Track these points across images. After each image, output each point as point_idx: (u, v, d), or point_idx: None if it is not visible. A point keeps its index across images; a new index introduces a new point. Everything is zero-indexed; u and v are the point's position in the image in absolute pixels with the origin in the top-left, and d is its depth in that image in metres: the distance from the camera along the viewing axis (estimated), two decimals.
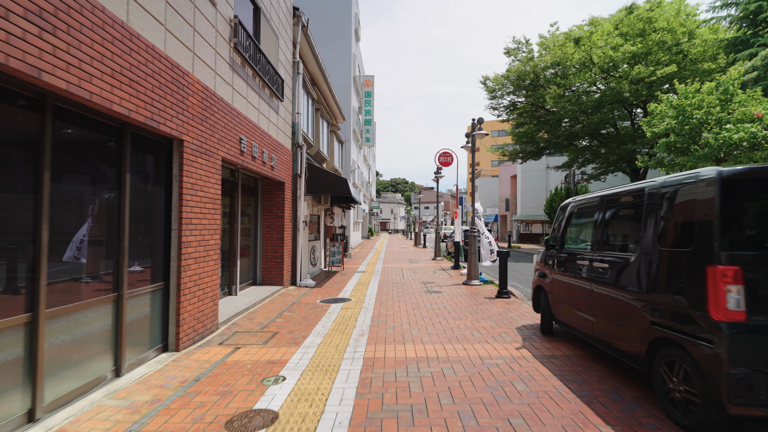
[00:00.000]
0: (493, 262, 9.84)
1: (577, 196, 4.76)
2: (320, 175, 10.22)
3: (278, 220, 9.21)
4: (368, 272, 12.78)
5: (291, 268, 9.72)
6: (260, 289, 8.68)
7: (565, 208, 4.94)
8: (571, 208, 4.79)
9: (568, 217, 4.81)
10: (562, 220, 4.92)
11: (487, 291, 8.87)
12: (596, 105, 17.33)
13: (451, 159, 14.39)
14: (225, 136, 5.89)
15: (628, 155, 18.45)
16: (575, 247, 4.73)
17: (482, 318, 6.31)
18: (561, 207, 5.14)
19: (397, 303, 7.63)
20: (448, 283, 10.26)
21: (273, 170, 8.34)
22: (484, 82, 24.38)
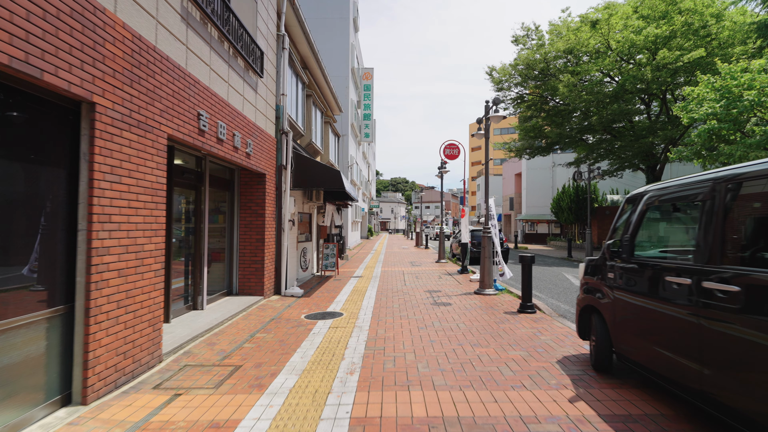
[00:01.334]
0: (501, 276, 8.46)
1: (660, 182, 3.34)
2: (310, 166, 8.83)
3: (258, 218, 7.82)
4: (366, 277, 11.39)
5: (274, 275, 8.33)
6: (235, 300, 7.29)
7: (638, 200, 3.53)
8: (649, 200, 3.37)
9: (642, 213, 3.41)
10: (632, 216, 3.52)
11: (505, 303, 7.47)
12: (614, 94, 15.92)
13: (458, 151, 13.02)
14: (174, 107, 4.50)
15: (646, 150, 17.05)
16: (660, 257, 3.34)
17: (509, 344, 4.91)
18: (628, 199, 3.74)
19: (398, 319, 6.23)
20: (458, 291, 8.86)
21: (249, 158, 6.95)
22: (490, 72, 22.97)
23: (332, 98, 15.35)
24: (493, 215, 8.73)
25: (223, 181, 7.46)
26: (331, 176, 8.68)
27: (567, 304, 7.85)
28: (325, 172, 8.75)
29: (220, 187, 7.39)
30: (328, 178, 8.72)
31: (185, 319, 5.82)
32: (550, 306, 7.61)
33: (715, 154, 10.06)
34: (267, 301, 7.72)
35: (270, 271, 8.09)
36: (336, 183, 8.65)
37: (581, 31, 16.92)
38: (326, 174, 8.73)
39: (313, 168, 8.82)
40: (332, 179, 8.67)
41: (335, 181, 8.65)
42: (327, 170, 8.73)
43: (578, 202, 28.23)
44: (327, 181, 8.72)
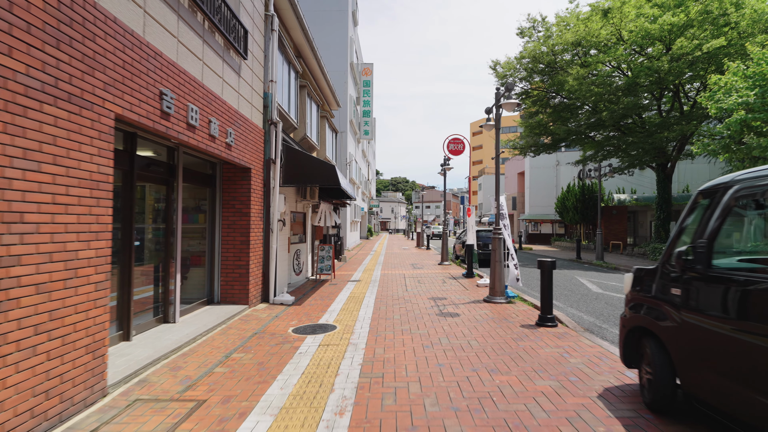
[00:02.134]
0: (518, 282, 7.62)
1: (752, 170, 2.48)
2: (302, 161, 8.00)
3: (242, 218, 6.99)
4: (364, 282, 10.55)
5: (261, 281, 7.50)
6: (216, 310, 6.46)
7: (719, 193, 2.67)
8: (738, 192, 2.52)
9: (726, 210, 2.57)
10: (710, 214, 2.68)
11: (520, 314, 6.64)
12: (627, 87, 15.07)
13: (462, 146, 12.18)
14: (126, 82, 3.67)
15: (660, 146, 16.20)
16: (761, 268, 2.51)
17: (534, 369, 4.08)
18: (704, 192, 2.88)
19: (399, 334, 5.40)
20: (465, 299, 8.02)
21: (230, 150, 6.11)
22: (494, 67, 22.09)
23: (329, 92, 14.53)
24: (504, 214, 7.90)
25: (203, 176, 6.63)
26: (325, 171, 7.85)
27: (590, 315, 7.00)
28: (318, 167, 7.92)
29: (199, 183, 6.56)
30: (322, 173, 7.88)
31: (151, 335, 4.98)
32: (570, 317, 6.77)
33: (744, 148, 9.24)
34: (252, 310, 6.89)
35: (256, 277, 7.26)
36: (331, 179, 7.82)
37: (592, 21, 16.07)
38: (320, 169, 7.90)
39: (306, 163, 7.99)
40: (326, 175, 7.84)
41: (330, 176, 7.82)
42: (321, 165, 7.90)
43: (584, 202, 27.40)
44: (321, 176, 7.89)
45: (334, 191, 11.91)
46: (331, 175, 7.80)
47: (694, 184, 29.64)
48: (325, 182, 7.89)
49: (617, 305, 7.73)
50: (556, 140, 22.84)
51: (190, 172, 6.15)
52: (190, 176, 6.16)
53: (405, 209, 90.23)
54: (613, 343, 5.14)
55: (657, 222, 20.73)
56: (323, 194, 11.94)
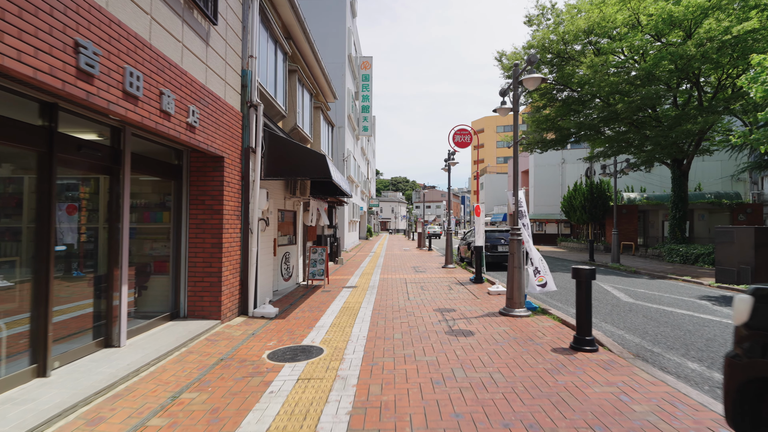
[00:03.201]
0: (542, 288, 6.49)
1: None
2: (288, 150, 6.87)
3: (214, 216, 5.87)
4: (361, 288, 9.43)
5: (239, 290, 6.38)
6: (179, 328, 5.33)
7: None
8: None
9: None
10: None
11: (546, 331, 5.51)
12: (646, 75, 13.92)
13: (469, 138, 11.05)
14: (9, 17, 2.55)
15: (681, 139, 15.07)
16: None
17: (589, 425, 2.95)
18: None
19: (401, 363, 4.27)
20: (477, 311, 6.90)
21: (193, 132, 4.99)
22: (500, 58, 20.96)
23: (325, 82, 13.43)
24: (523, 212, 6.78)
25: (165, 166, 5.51)
26: (313, 162, 6.72)
27: (633, 334, 5.79)
28: (306, 157, 6.79)
29: (161, 174, 5.44)
30: (310, 165, 6.76)
31: (81, 366, 3.86)
32: (609, 335, 5.63)
33: None
34: (224, 327, 5.76)
35: (231, 286, 6.13)
36: (320, 171, 6.69)
37: (606, 5, 14.94)
38: (308, 160, 6.77)
39: (293, 152, 6.86)
40: (315, 166, 6.72)
41: (319, 168, 6.69)
42: (308, 155, 6.77)
43: (592, 201, 26.28)
44: (309, 168, 6.76)
45: (328, 187, 10.79)
46: (321, 167, 6.67)
47: (706, 182, 28.55)
48: (314, 175, 6.76)
49: (659, 320, 6.57)
50: (565, 135, 21.72)
51: (147, 161, 5.03)
52: (148, 165, 5.05)
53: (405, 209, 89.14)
54: (680, 378, 4.01)
55: (672, 222, 19.61)
56: (316, 191, 10.82)
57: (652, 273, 12.48)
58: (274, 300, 7.90)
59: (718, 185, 28.95)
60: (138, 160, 4.81)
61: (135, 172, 4.77)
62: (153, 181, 5.50)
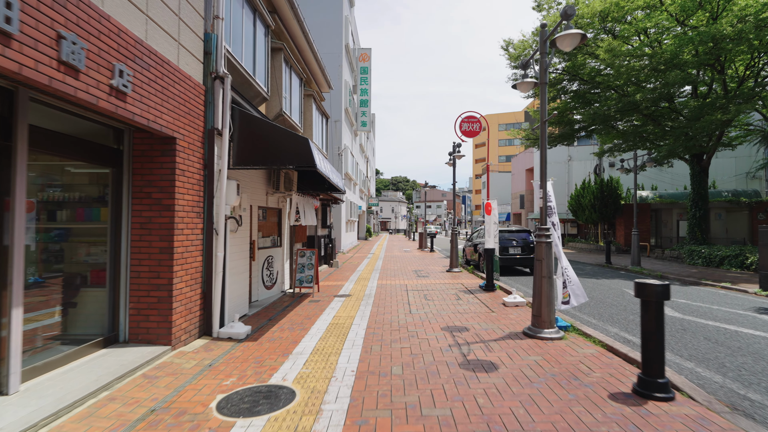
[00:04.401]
0: (565, 305, 5.25)
1: None
2: (263, 132, 5.61)
3: (163, 212, 4.62)
4: (355, 297, 8.17)
5: (200, 306, 5.13)
6: (111, 358, 4.08)
7: None
8: None
9: None
10: None
11: (590, 361, 4.25)
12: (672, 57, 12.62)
13: (479, 126, 9.78)
14: None
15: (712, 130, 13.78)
16: None
17: None
18: None
19: (401, 421, 3.01)
20: (496, 330, 5.64)
21: (122, 101, 3.72)
22: (506, 47, 19.70)
23: (317, 67, 12.20)
24: (552, 207, 5.52)
25: (96, 148, 4.24)
26: (292, 147, 5.46)
27: (706, 367, 4.28)
28: (284, 140, 5.52)
29: (91, 158, 4.18)
30: (288, 150, 5.49)
31: None
32: (672, 367, 4.36)
33: None
34: (174, 355, 4.50)
35: (188, 302, 4.88)
36: (301, 157, 5.43)
37: None
38: (286, 144, 5.50)
39: (269, 135, 5.59)
40: (295, 152, 5.46)
41: (300, 154, 5.43)
42: (287, 138, 5.50)
43: (603, 199, 25.01)
44: (287, 154, 5.50)
45: (318, 182, 9.53)
46: (302, 153, 5.41)
47: (720, 180, 27.30)
48: (294, 162, 5.49)
49: (729, 344, 5.20)
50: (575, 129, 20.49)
51: (64, 140, 3.78)
52: (65, 145, 3.79)
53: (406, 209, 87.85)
54: None
55: (692, 221, 18.35)
56: (305, 185, 9.56)
57: (681, 278, 11.21)
58: (250, 314, 6.65)
59: (732, 183, 27.64)
60: (46, 138, 3.56)
61: (39, 152, 3.51)
62: (86, 170, 4.25)
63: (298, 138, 5.46)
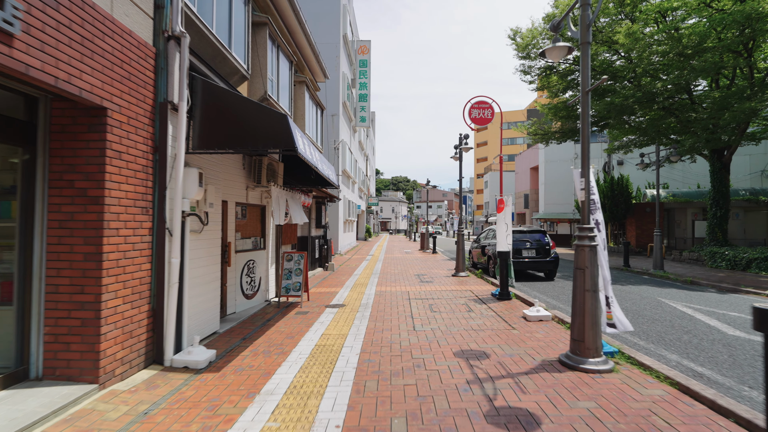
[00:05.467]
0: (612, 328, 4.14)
1: None
2: (231, 106, 4.48)
3: (89, 206, 3.49)
4: (349, 308, 7.05)
5: (147, 327, 4.00)
6: (9, 405, 2.95)
7: None
8: None
9: None
10: None
11: (666, 411, 3.12)
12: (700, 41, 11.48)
13: (490, 113, 8.60)
14: None
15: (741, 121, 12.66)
16: None
17: None
18: None
19: None
20: (523, 355, 4.51)
21: (9, 44, 2.59)
22: (513, 36, 18.64)
23: (311, 52, 11.11)
24: (596, 203, 4.40)
25: None
26: (267, 125, 4.33)
27: None
28: (256, 117, 4.39)
29: None
30: (262, 129, 4.36)
31: None
32: (744, 402, 3.24)
33: None
34: (100, 398, 3.36)
35: (129, 322, 3.75)
36: (278, 137, 4.31)
37: None
38: (259, 122, 4.37)
39: (239, 110, 4.46)
40: (270, 131, 4.33)
41: (277, 134, 4.30)
42: (260, 114, 4.36)
43: (613, 198, 23.87)
44: (261, 134, 4.37)
45: (308, 174, 8.42)
46: (280, 132, 4.28)
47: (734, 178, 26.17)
48: (270, 144, 4.36)
49: None
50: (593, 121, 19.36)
51: None
52: None
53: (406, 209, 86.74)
54: None
55: (712, 221, 17.23)
56: (294, 179, 8.44)
57: (714, 284, 10.06)
58: (222, 331, 5.52)
59: (746, 181, 26.49)
60: None
61: None
62: None
63: (273, 114, 4.33)
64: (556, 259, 10.65)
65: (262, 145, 4.41)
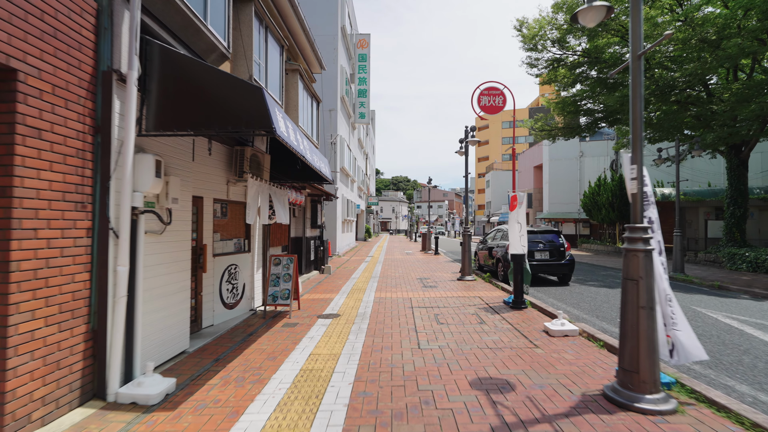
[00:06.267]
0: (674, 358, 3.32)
1: None
2: (193, 76, 3.62)
3: None
4: (344, 319, 6.20)
5: (84, 354, 3.15)
6: None
7: None
8: None
9: None
10: None
11: None
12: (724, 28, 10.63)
13: (502, 100, 7.75)
14: None
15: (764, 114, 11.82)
16: None
17: None
18: None
19: None
20: (559, 389, 3.66)
21: None
22: (520, 27, 17.81)
23: (305, 40, 10.31)
24: (650, 196, 3.56)
25: None
26: (237, 99, 3.49)
27: None
28: (225, 89, 3.54)
29: None
30: (231, 104, 3.52)
31: None
32: None
33: None
34: None
35: (55, 349, 2.91)
36: (251, 115, 3.46)
37: None
38: (228, 95, 3.52)
39: (202, 81, 3.61)
40: (241, 108, 3.48)
41: (250, 110, 3.45)
42: (229, 85, 3.51)
43: (623, 197, 22.99)
44: (230, 111, 3.52)
45: (302, 170, 7.59)
46: (253, 109, 3.43)
47: None
48: (241, 123, 3.51)
49: None
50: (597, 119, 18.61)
51: None
52: None
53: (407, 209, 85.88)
54: None
55: (730, 221, 16.37)
56: (282, 174, 7.60)
57: (744, 289, 9.21)
58: (192, 350, 4.67)
59: (758, 179, 25.62)
60: None
61: None
62: None
63: (245, 87, 3.48)
64: (572, 262, 9.79)
65: (233, 125, 3.56)
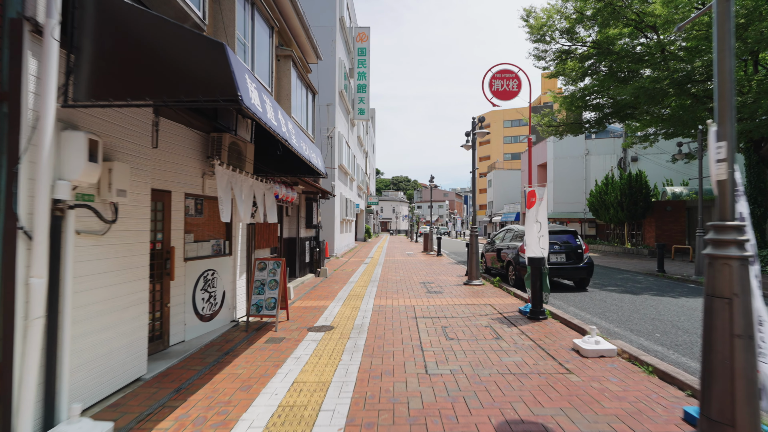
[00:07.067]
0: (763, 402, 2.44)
1: None
2: (140, 32, 2.78)
3: None
4: (338, 333, 5.36)
5: None
6: None
7: None
8: None
9: None
10: None
11: None
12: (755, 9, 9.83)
13: (516, 84, 6.88)
14: None
15: None
16: None
17: None
18: None
19: None
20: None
21: None
22: (527, 17, 16.98)
23: (299, 24, 9.53)
24: (738, 187, 2.73)
25: None
26: (193, 58, 2.65)
27: None
28: (177, 46, 2.71)
29: None
30: (186, 64, 2.68)
31: None
32: None
33: None
34: None
35: None
36: (211, 77, 2.62)
37: None
38: (183, 54, 2.69)
39: (151, 36, 2.77)
40: (198, 69, 2.65)
41: (211, 72, 2.62)
42: (184, 41, 2.68)
43: (631, 196, 22.15)
44: (184, 73, 2.69)
45: (295, 164, 6.76)
46: (214, 70, 2.60)
47: None
48: (198, 89, 2.68)
49: None
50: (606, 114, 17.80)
51: None
52: None
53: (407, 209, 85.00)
54: None
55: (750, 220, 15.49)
56: (269, 166, 6.75)
57: None
58: (149, 377, 3.83)
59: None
60: None
61: None
62: None
63: (204, 42, 2.64)
64: (591, 265, 8.94)
65: (186, 93, 2.72)
